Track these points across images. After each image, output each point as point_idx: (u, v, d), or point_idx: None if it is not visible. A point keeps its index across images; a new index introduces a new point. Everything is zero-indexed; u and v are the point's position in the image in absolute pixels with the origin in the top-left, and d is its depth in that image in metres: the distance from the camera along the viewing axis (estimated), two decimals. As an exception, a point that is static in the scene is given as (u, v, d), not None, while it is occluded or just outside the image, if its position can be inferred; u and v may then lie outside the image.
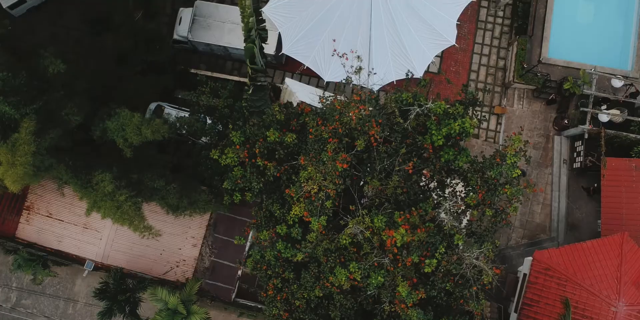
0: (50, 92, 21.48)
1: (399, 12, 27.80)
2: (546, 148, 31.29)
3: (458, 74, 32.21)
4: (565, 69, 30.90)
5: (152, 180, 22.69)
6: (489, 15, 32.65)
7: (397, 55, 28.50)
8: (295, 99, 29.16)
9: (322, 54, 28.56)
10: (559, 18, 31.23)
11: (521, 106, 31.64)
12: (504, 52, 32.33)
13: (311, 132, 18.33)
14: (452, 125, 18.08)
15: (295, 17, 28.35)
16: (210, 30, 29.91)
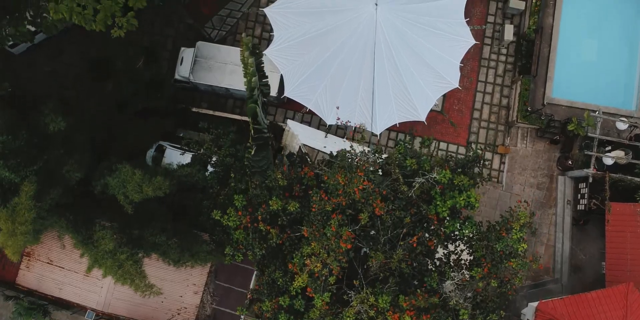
0: (51, 150, 21.29)
1: (402, 56, 27.59)
2: (550, 188, 31.08)
3: (461, 112, 32.00)
4: (569, 108, 30.72)
5: (154, 235, 22.51)
6: (492, 53, 32.44)
7: (400, 99, 28.30)
8: (297, 141, 29.04)
9: (324, 96, 28.37)
10: (563, 57, 31.07)
11: (525, 145, 31.43)
12: (507, 90, 32.12)
13: (314, 206, 18.11)
14: (457, 199, 17.91)
15: (298, 59, 28.17)
16: (212, 72, 29.74)
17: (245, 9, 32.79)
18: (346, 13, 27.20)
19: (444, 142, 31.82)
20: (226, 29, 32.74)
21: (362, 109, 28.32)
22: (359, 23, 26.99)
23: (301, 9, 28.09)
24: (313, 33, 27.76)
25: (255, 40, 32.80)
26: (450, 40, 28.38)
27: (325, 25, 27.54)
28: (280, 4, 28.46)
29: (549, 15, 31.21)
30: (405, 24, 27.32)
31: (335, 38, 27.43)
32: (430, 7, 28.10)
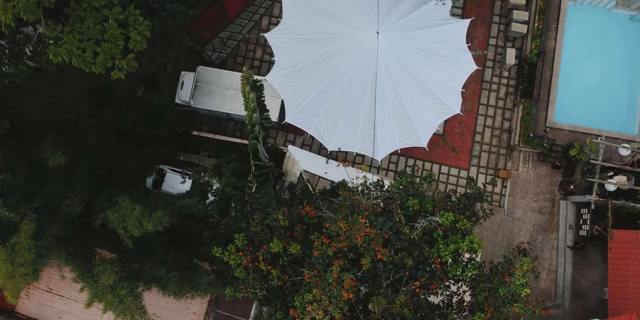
0: (50, 185, 21.18)
1: (403, 83, 27.45)
2: (552, 212, 30.95)
3: (463, 135, 31.86)
4: (571, 133, 30.58)
5: (154, 268, 22.40)
6: (494, 76, 32.30)
7: (402, 125, 28.13)
8: (298, 167, 28.92)
9: (325, 122, 28.21)
10: (565, 81, 30.93)
11: (526, 169, 31.30)
12: (509, 113, 31.99)
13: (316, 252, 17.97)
14: (459, 244, 17.78)
15: (299, 85, 28.02)
16: (212, 97, 29.62)
17: (245, 32, 32.66)
18: (347, 40, 27.06)
19: (445, 166, 31.70)
20: (227, 52, 32.64)
21: (363, 135, 28.17)
22: (360, 50, 26.85)
23: (302, 35, 27.96)
24: (314, 59, 27.62)
25: (256, 62, 32.70)
26: (451, 66, 28.23)
27: (327, 51, 27.41)
28: (281, 30, 28.31)
29: (551, 39, 31.07)
30: (407, 50, 27.19)
31: (336, 64, 27.30)
32: (432, 32, 27.96)
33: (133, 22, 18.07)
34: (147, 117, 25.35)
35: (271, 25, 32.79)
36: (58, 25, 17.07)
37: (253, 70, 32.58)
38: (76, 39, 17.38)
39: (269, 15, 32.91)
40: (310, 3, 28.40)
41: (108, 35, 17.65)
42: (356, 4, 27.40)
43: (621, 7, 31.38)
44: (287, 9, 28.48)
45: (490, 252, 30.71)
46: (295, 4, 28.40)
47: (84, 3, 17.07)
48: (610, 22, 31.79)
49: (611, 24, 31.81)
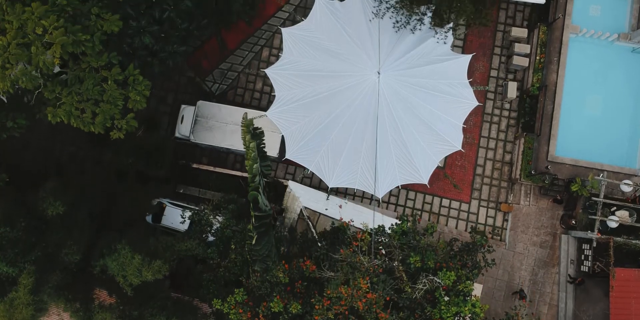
0: (49, 234, 21.06)
1: (404, 120, 27.34)
2: (553, 246, 30.82)
3: (464, 168, 31.74)
4: (573, 167, 30.39)
5: (153, 315, 22.28)
6: (495, 108, 32.18)
7: (403, 162, 28.01)
8: (299, 204, 28.81)
9: (325, 159, 28.10)
10: (567, 115, 30.76)
11: (528, 203, 31.16)
12: (510, 145, 31.85)
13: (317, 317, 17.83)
14: (462, 308, 17.65)
15: (300, 121, 27.92)
16: (212, 132, 29.51)
17: (245, 63, 32.53)
18: (349, 79, 26.95)
19: (447, 199, 31.57)
20: (227, 83, 32.53)
21: (364, 172, 28.07)
22: (361, 89, 26.75)
23: (303, 71, 27.86)
24: (315, 96, 27.53)
25: (256, 94, 32.58)
26: (453, 102, 28.14)
27: (328, 89, 27.31)
28: (281, 65, 28.21)
29: (552, 72, 30.91)
30: (408, 88, 27.07)
31: (337, 103, 27.19)
32: (433, 69, 27.85)
33: (133, 82, 17.94)
34: (147, 158, 25.21)
35: (272, 57, 32.70)
36: (57, 87, 16.96)
37: (253, 101, 32.50)
38: (75, 100, 17.24)
39: (270, 47, 32.78)
40: (310, 39, 28.30)
41: (107, 96, 17.51)
42: (357, 42, 27.29)
43: (623, 40, 31.20)
44: (288, 43, 28.39)
45: (491, 286, 30.61)
46: (296, 39, 28.30)
47: (83, 63, 16.93)
48: (612, 55, 31.62)
49: (613, 57, 31.63)
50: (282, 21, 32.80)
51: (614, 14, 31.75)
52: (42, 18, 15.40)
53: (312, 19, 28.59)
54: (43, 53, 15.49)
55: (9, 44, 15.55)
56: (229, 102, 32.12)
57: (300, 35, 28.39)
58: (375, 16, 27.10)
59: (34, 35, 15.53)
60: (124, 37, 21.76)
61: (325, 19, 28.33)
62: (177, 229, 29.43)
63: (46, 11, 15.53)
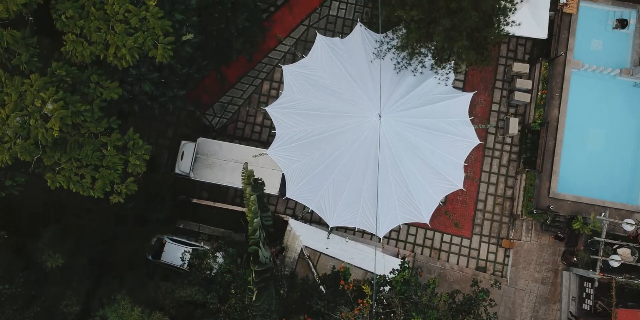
0: (48, 287, 20.92)
1: (405, 160, 27.20)
2: (554, 283, 30.69)
3: (465, 203, 31.60)
4: (574, 204, 30.27)
5: (154, 366, 22.15)
6: (497, 142, 32.04)
7: (404, 201, 27.87)
8: (299, 243, 28.69)
9: (326, 198, 27.96)
10: (569, 151, 30.64)
11: (529, 239, 31.03)
12: (511, 180, 31.72)
13: None
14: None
15: (300, 160, 27.79)
16: (213, 169, 29.39)
17: (246, 96, 32.42)
18: (349, 120, 26.81)
19: (448, 234, 31.44)
20: (227, 117, 32.40)
21: (365, 211, 27.93)
22: (362, 130, 26.62)
23: (303, 111, 27.72)
24: (316, 136, 27.40)
25: (257, 127, 32.45)
26: (454, 141, 27.99)
27: (329, 129, 27.18)
28: (281, 103, 28.07)
29: (554, 108, 30.80)
30: (409, 129, 26.94)
31: (338, 143, 27.07)
32: (435, 108, 27.72)
33: (132, 146, 17.81)
34: (148, 202, 25.07)
35: (272, 90, 32.60)
36: (56, 153, 16.83)
37: (254, 135, 32.37)
38: (74, 166, 17.10)
39: (270, 80, 32.66)
40: (311, 77, 28.16)
41: (107, 162, 17.38)
42: (358, 82, 27.16)
43: (625, 75, 31.08)
44: (289, 81, 28.25)
45: (492, 323, 30.45)
46: (297, 76, 28.16)
47: (82, 129, 16.80)
48: (614, 89, 31.50)
49: (615, 91, 31.52)
50: (283, 54, 32.71)
51: (616, 48, 31.64)
52: (41, 90, 15.28)
53: (313, 56, 28.46)
54: (42, 126, 15.36)
55: (8, 117, 15.42)
56: (229, 136, 32.07)
57: (300, 73, 28.26)
58: (376, 57, 26.96)
59: (33, 107, 15.41)
60: (124, 84, 21.63)
61: (326, 57, 28.20)
62: (177, 265, 29.34)
63: (45, 83, 15.41)
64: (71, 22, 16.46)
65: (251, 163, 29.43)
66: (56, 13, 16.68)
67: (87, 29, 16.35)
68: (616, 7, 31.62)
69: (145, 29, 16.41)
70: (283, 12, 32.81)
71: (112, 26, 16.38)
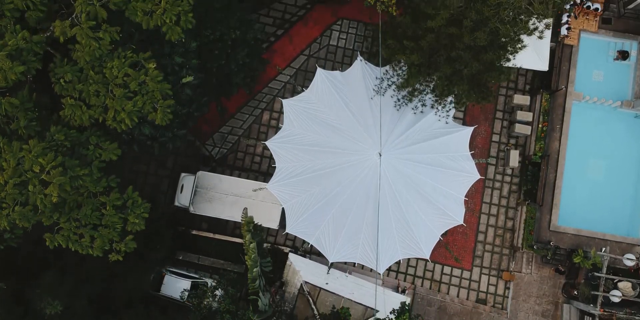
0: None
1: (405, 196, 27.10)
2: (555, 316, 30.60)
3: (465, 235, 31.51)
4: (575, 237, 30.23)
5: None
6: (497, 173, 31.96)
7: (404, 237, 27.78)
8: (299, 278, 28.59)
9: (326, 233, 27.88)
10: (569, 183, 30.60)
11: (530, 271, 30.94)
12: (512, 212, 31.62)
13: None
14: None
15: (300, 195, 27.70)
16: (212, 203, 29.27)
17: (246, 126, 32.32)
18: (350, 157, 26.72)
19: (448, 266, 31.35)
20: (227, 147, 32.30)
21: (365, 246, 27.84)
22: (363, 168, 26.53)
23: (303, 146, 27.62)
24: (316, 172, 27.30)
25: (257, 158, 32.35)
26: (454, 176, 27.89)
27: (329, 165, 27.08)
28: (281, 137, 27.98)
29: (555, 140, 30.74)
30: (409, 165, 26.84)
31: (338, 180, 26.97)
32: (435, 143, 27.63)
33: (131, 205, 17.72)
34: (147, 242, 24.97)
35: (272, 120, 32.52)
36: (55, 214, 16.73)
37: (253, 165, 32.28)
38: (73, 226, 17.02)
39: (270, 110, 32.57)
40: (311, 111, 28.07)
41: (106, 221, 17.30)
42: (359, 118, 27.06)
43: (626, 107, 31.01)
44: (289, 115, 28.15)
45: (492, 357, 30.42)
46: (297, 111, 28.07)
47: (82, 189, 16.69)
48: (615, 120, 31.47)
49: (616, 122, 31.48)
50: (283, 84, 32.62)
51: (617, 80, 31.60)
52: (40, 156, 15.19)
53: (313, 89, 28.36)
54: (41, 192, 15.28)
55: (6, 183, 15.33)
56: (229, 166, 32.00)
57: (300, 107, 28.17)
58: (377, 93, 26.88)
59: (32, 173, 15.32)
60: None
61: (327, 91, 28.11)
62: (177, 298, 29.28)
63: (43, 149, 15.33)
64: (70, 86, 16.42)
65: (251, 197, 29.39)
66: (55, 77, 16.62)
67: (86, 93, 16.31)
68: (617, 39, 31.56)
69: (145, 92, 16.35)
70: (283, 42, 32.73)
71: (111, 90, 16.32)
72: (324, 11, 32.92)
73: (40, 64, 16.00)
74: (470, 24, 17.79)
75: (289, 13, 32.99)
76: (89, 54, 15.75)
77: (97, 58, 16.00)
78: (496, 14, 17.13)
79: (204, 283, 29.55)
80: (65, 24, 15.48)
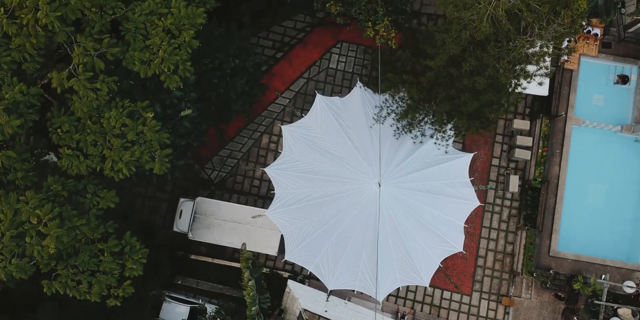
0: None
1: (405, 225, 27.04)
2: (555, 341, 30.58)
3: (465, 259, 31.43)
4: (575, 262, 30.16)
5: None
6: (497, 198, 31.88)
7: (404, 265, 27.70)
8: (298, 306, 28.53)
9: (325, 261, 27.80)
10: (569, 208, 30.53)
11: (529, 296, 30.86)
12: (512, 236, 31.55)
13: None
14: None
15: (299, 222, 27.64)
16: (211, 229, 29.21)
17: (245, 150, 32.24)
18: (349, 185, 26.65)
19: (447, 291, 31.27)
20: (226, 170, 32.22)
21: (364, 274, 27.77)
22: (362, 197, 26.47)
23: (302, 173, 27.54)
24: (315, 200, 27.24)
25: (256, 181, 32.27)
26: (454, 203, 27.83)
27: (329, 193, 27.01)
28: (280, 164, 27.91)
29: (555, 165, 30.66)
30: (409, 194, 26.79)
31: (338, 207, 26.91)
32: (434, 171, 27.54)
33: (129, 250, 17.63)
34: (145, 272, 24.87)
35: (271, 143, 32.44)
36: (52, 261, 16.66)
37: (253, 189, 32.19)
38: (71, 273, 16.95)
39: (269, 133, 32.48)
40: (310, 138, 28.00)
41: (103, 267, 17.22)
42: (358, 147, 26.98)
43: (626, 132, 30.92)
44: (288, 141, 28.08)
45: (492, 382, 30.37)
46: (296, 137, 28.00)
47: (79, 235, 16.62)
48: (615, 144, 31.37)
49: (616, 146, 31.38)
50: (282, 108, 32.53)
51: (617, 104, 31.54)
52: (37, 208, 15.12)
53: (312, 115, 28.29)
54: (38, 243, 15.21)
55: (3, 235, 15.26)
56: (228, 190, 31.91)
57: (300, 134, 28.09)
58: (376, 122, 26.80)
59: (29, 224, 15.26)
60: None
61: (326, 118, 28.02)
62: (175, 324, 29.25)
63: (40, 200, 15.26)
64: (67, 135, 16.35)
65: (250, 223, 29.33)
66: (52, 126, 16.53)
67: (84, 143, 16.24)
68: (617, 63, 31.46)
69: (142, 141, 16.29)
70: (282, 65, 32.64)
71: (109, 140, 16.24)
72: (324, 34, 32.82)
73: (37, 115, 15.92)
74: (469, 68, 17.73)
75: (288, 36, 32.91)
76: (87, 105, 15.69)
77: (95, 108, 15.92)
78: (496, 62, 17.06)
79: (203, 308, 29.49)
80: (62, 75, 15.44)
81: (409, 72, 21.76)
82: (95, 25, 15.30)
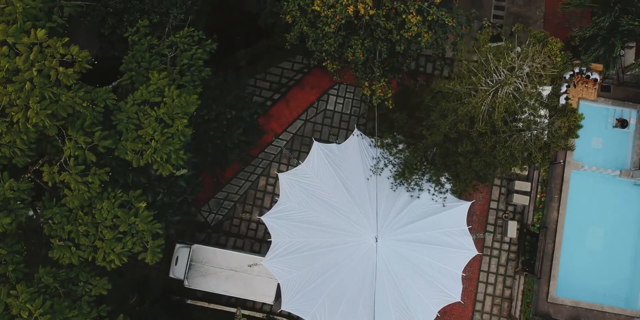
0: None
1: (402, 276, 26.92)
2: None
3: (463, 304, 31.22)
4: (573, 308, 29.98)
5: None
6: (495, 241, 31.70)
7: (401, 315, 27.54)
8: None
9: (322, 311, 27.67)
10: (567, 254, 30.34)
11: (527, 342, 30.73)
12: (510, 280, 31.38)
13: None
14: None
15: (296, 272, 27.48)
16: (207, 277, 29.02)
17: (242, 192, 32.04)
18: (346, 238, 26.52)
19: (445, 336, 31.12)
20: (223, 213, 32.03)
21: (362, 325, 27.67)
22: (359, 250, 26.38)
23: (299, 223, 27.37)
24: (313, 251, 27.09)
25: (253, 224, 32.07)
26: (452, 253, 27.69)
27: (324, 245, 26.88)
28: (277, 212, 27.73)
29: (553, 210, 30.47)
30: (406, 245, 26.66)
31: (334, 259, 26.79)
32: (431, 220, 27.39)
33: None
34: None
35: (268, 186, 32.24)
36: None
37: (249, 232, 32.01)
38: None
39: (266, 176, 32.27)
40: (307, 187, 27.81)
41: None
42: (355, 199, 26.79)
43: (625, 177, 30.74)
44: (284, 189, 27.90)
45: None
46: (292, 184, 27.81)
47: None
48: (614, 188, 31.18)
49: (615, 190, 31.19)
50: (279, 149, 32.32)
51: (616, 147, 31.35)
52: (28, 302, 14.96)
53: (310, 163, 28.10)
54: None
55: (-5, 325, 15.13)
56: (225, 233, 31.73)
57: (297, 182, 27.91)
58: (373, 173, 26.62)
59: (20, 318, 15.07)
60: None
61: (323, 166, 27.84)
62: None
63: (31, 294, 15.10)
64: (59, 226, 16.19)
65: (246, 271, 29.15)
66: (43, 217, 16.38)
67: (75, 233, 16.09)
68: (616, 106, 31.28)
69: (134, 232, 16.13)
70: (280, 106, 32.44)
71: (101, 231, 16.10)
72: (321, 75, 32.59)
73: (28, 208, 15.79)
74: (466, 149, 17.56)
75: (285, 77, 32.71)
76: (78, 198, 15.53)
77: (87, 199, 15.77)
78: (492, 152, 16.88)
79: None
80: (53, 170, 15.27)
81: (406, 133, 21.59)
82: (87, 118, 15.15)
